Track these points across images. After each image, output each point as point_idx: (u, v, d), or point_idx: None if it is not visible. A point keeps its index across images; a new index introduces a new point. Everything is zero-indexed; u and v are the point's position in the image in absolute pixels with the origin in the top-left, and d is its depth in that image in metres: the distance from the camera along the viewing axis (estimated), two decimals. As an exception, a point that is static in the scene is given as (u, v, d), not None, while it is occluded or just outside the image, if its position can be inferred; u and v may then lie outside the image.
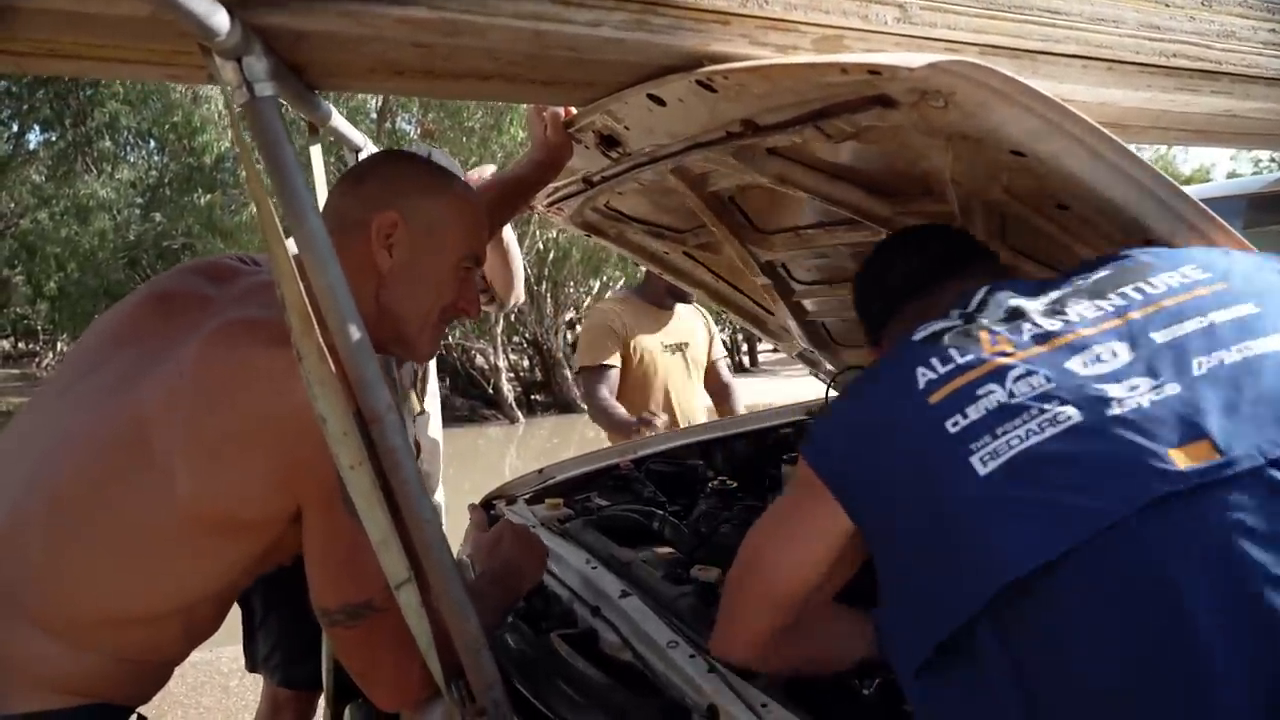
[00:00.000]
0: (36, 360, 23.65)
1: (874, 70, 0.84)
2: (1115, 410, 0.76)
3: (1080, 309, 0.86)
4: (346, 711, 1.17)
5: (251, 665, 1.97)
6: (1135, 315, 0.83)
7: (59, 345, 23.74)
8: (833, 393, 2.32)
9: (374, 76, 1.13)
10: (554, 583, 1.46)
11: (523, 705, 1.15)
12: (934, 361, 0.85)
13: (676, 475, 2.05)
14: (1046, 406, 0.78)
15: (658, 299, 2.96)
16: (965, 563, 0.76)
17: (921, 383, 0.85)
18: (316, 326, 0.88)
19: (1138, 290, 0.86)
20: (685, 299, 2.92)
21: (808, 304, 2.02)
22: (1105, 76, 1.27)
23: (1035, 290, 0.91)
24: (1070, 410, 0.77)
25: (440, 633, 0.96)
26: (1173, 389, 0.77)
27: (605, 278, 12.33)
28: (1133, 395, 0.77)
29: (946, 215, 1.22)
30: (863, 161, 1.22)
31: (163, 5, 0.71)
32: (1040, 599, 0.73)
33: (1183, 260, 0.89)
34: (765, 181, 1.36)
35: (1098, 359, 0.81)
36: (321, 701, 1.72)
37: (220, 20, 0.78)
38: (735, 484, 1.92)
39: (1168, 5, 1.32)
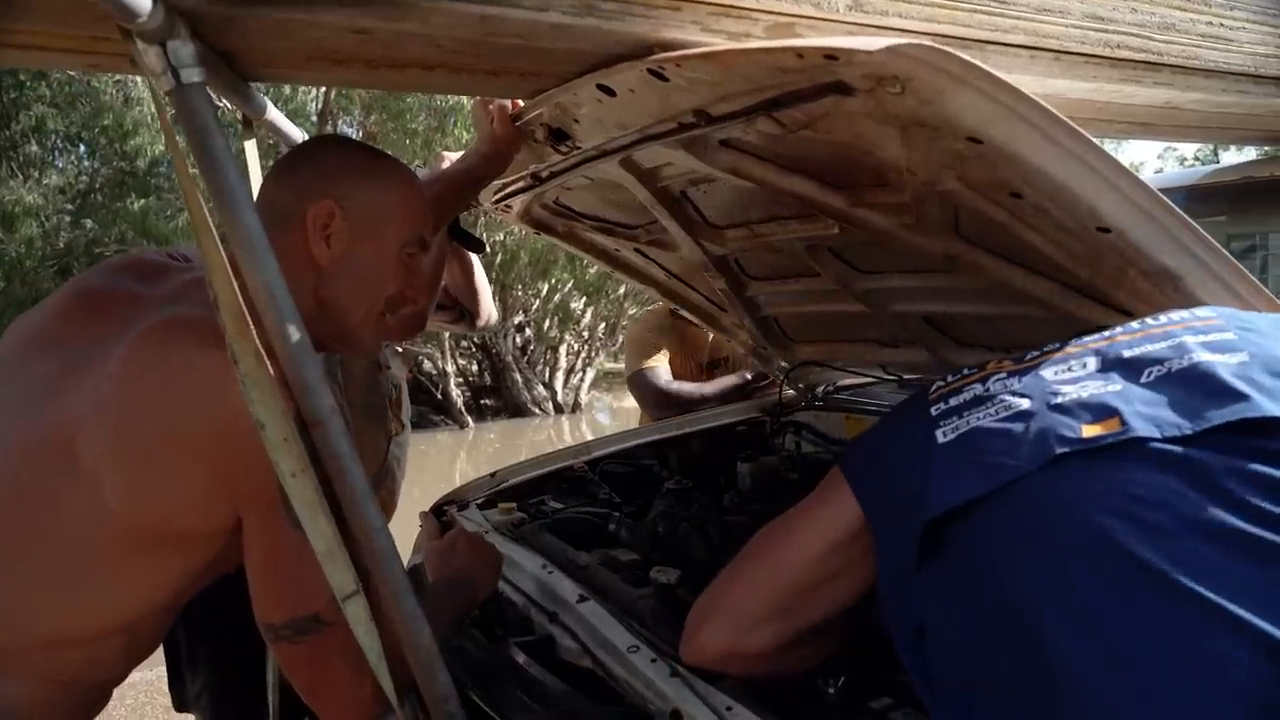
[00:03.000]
0: (-39, 374, 22.67)
1: (830, 55, 0.82)
2: (1057, 400, 0.86)
3: (1087, 335, 0.96)
4: (293, 732, 1.12)
5: (180, 705, 1.87)
6: (1120, 337, 0.93)
7: (-15, 358, 22.77)
8: (787, 390, 2.33)
9: (311, 66, 1.09)
10: (509, 589, 1.43)
11: (479, 717, 1.11)
12: (949, 376, 0.99)
13: (631, 475, 2.03)
14: (1006, 398, 0.89)
15: None
16: (910, 511, 0.86)
17: (932, 388, 0.98)
18: (252, 326, 0.83)
19: (1140, 322, 0.96)
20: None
21: (761, 299, 2.01)
22: (1052, 67, 1.28)
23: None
24: (1023, 401, 0.88)
25: (392, 646, 0.91)
26: (1113, 387, 0.85)
27: (554, 280, 12.25)
28: (1078, 391, 0.86)
29: (900, 206, 1.21)
30: (816, 153, 1.20)
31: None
32: (958, 537, 0.83)
33: (1207, 306, 0.98)
34: (717, 174, 1.34)
35: (1069, 368, 0.91)
36: None
37: (140, 1, 0.73)
38: (691, 483, 1.90)
39: (1110, -4, 1.34)
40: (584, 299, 12.50)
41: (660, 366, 2.77)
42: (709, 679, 1.02)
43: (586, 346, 13.04)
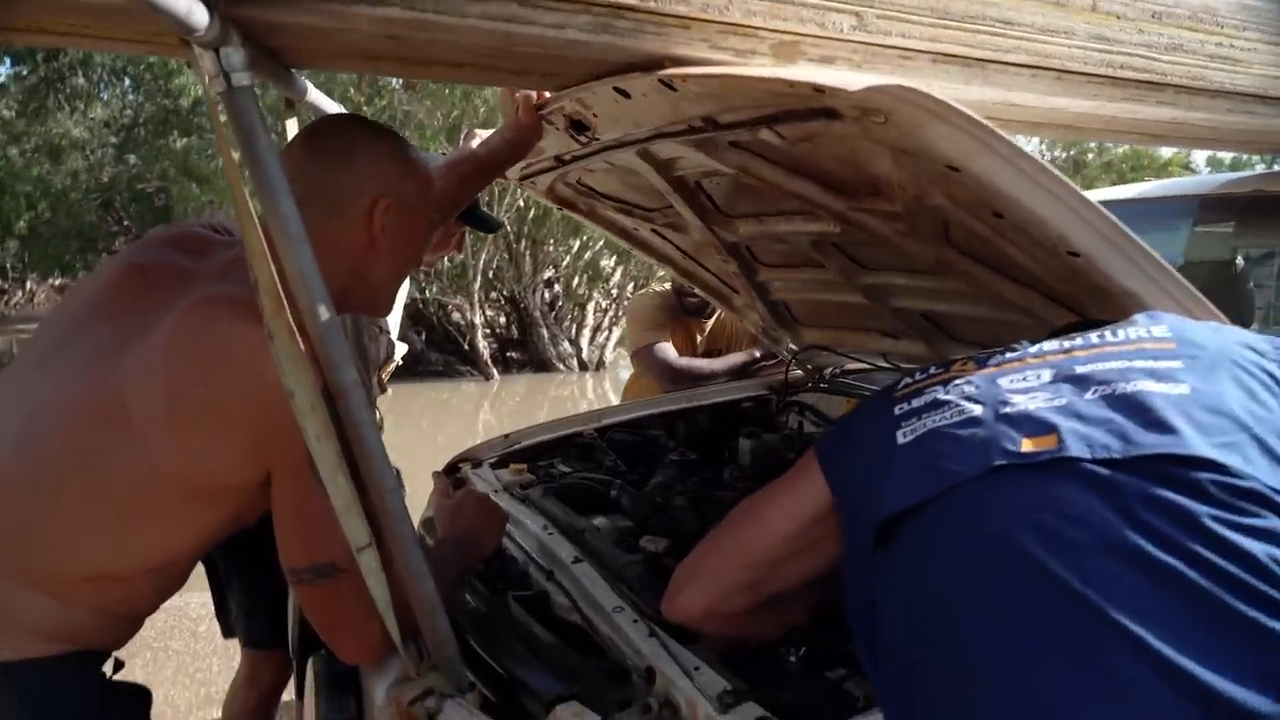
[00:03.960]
0: (4, 298, 23.26)
1: (818, 89, 0.89)
2: (1006, 410, 0.91)
3: (1047, 345, 1.01)
4: (309, 663, 1.24)
5: (227, 632, 2.04)
6: (1078, 352, 0.98)
7: (28, 284, 23.31)
8: (794, 370, 2.41)
9: (348, 60, 1.18)
10: (512, 546, 1.54)
11: (476, 661, 1.23)
12: (917, 374, 1.05)
13: (638, 445, 2.13)
14: (962, 403, 0.94)
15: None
16: (870, 505, 0.93)
17: (899, 384, 1.04)
18: (287, 307, 0.93)
19: (1099, 335, 1.00)
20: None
21: (771, 284, 2.08)
22: (1054, 85, 1.32)
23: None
24: (976, 407, 0.93)
25: (399, 595, 1.03)
26: (1059, 401, 0.90)
27: (585, 237, 12.29)
28: (1028, 402, 0.90)
29: (893, 215, 1.28)
30: (817, 160, 1.27)
31: (145, 6, 0.75)
32: (905, 532, 0.89)
33: (1161, 321, 1.01)
34: (727, 171, 1.41)
35: (1024, 378, 0.96)
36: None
37: (199, 16, 0.82)
38: (694, 456, 2.00)
39: (1118, 18, 1.37)
40: (614, 258, 12.53)
41: (668, 342, 2.85)
42: (683, 641, 1.13)
43: (614, 305, 13.10)
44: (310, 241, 0.92)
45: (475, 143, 1.69)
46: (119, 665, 1.16)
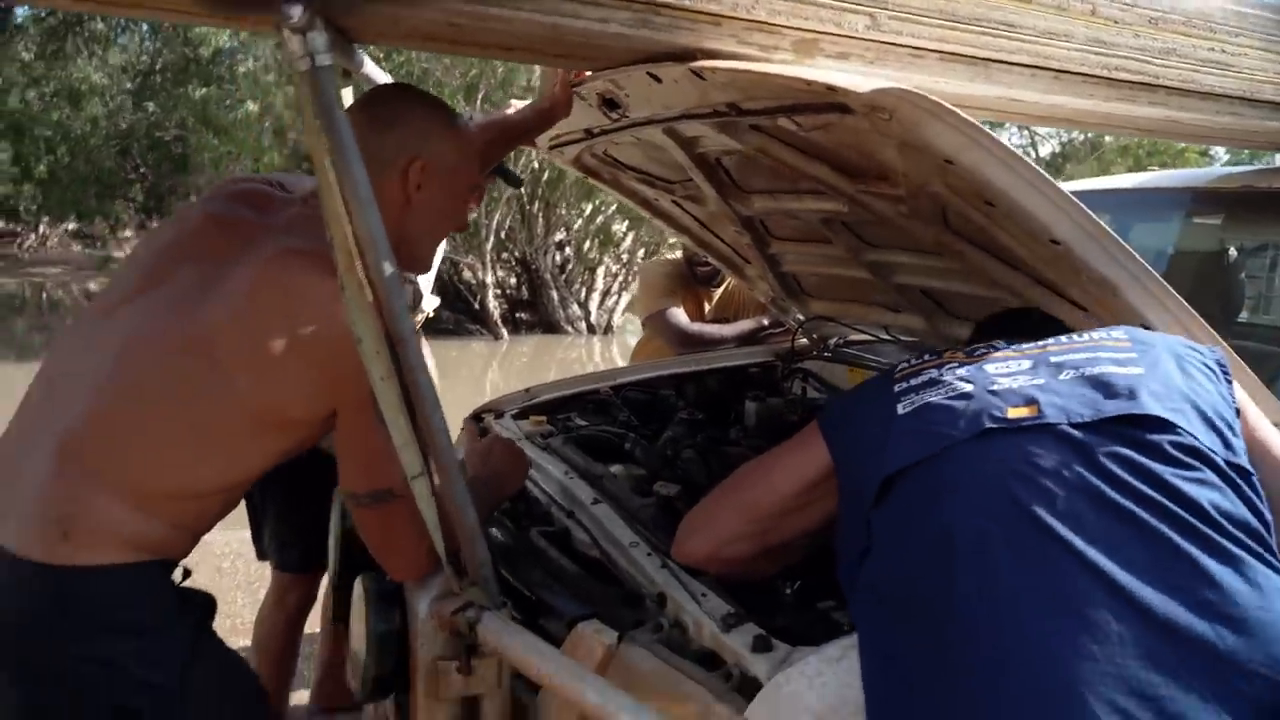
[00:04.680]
0: (18, 241, 23.40)
1: (831, 88, 1.01)
2: (993, 387, 1.06)
3: (1025, 344, 1.17)
4: (358, 581, 1.39)
5: (261, 555, 2.21)
6: (1051, 348, 1.14)
7: (41, 228, 23.44)
8: (800, 339, 2.54)
9: (409, 40, 1.29)
10: (535, 489, 1.68)
11: (507, 587, 1.37)
12: (913, 358, 1.20)
13: (650, 403, 2.26)
14: (955, 382, 1.10)
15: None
16: (872, 468, 1.06)
17: (898, 367, 1.19)
18: (358, 262, 1.06)
19: (1068, 337, 1.17)
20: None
21: (781, 257, 2.21)
22: (1052, 85, 1.44)
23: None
24: (967, 385, 1.08)
25: (444, 519, 1.17)
26: (1038, 381, 1.05)
27: (598, 201, 12.35)
28: (1011, 382, 1.06)
29: (897, 198, 1.40)
30: (830, 145, 1.39)
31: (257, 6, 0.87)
32: (904, 486, 1.02)
33: (1118, 329, 1.18)
34: (746, 150, 1.53)
35: (1006, 364, 1.12)
36: (324, 582, 1.97)
37: (296, 7, 0.94)
38: (702, 416, 2.13)
39: (1116, 23, 1.48)
40: (626, 223, 12.60)
41: (680, 308, 2.98)
42: (691, 573, 1.27)
43: (625, 270, 13.19)
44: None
45: (511, 110, 1.81)
46: (187, 573, 1.31)
